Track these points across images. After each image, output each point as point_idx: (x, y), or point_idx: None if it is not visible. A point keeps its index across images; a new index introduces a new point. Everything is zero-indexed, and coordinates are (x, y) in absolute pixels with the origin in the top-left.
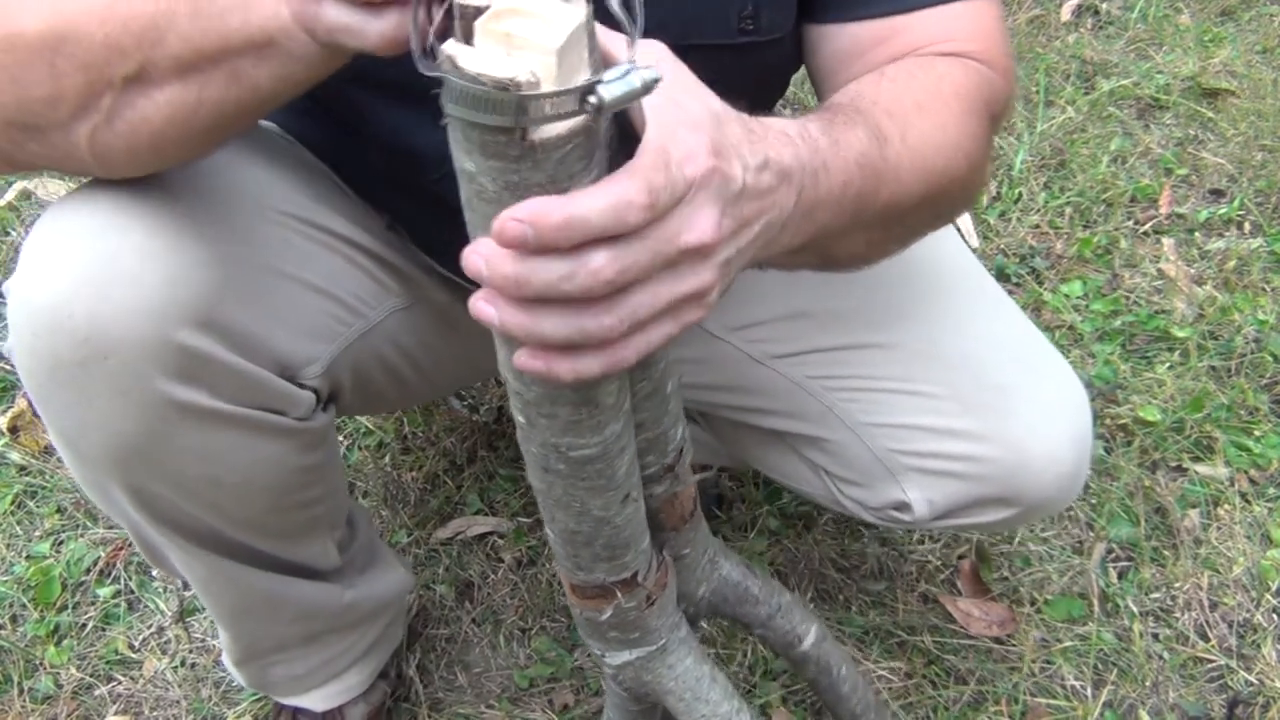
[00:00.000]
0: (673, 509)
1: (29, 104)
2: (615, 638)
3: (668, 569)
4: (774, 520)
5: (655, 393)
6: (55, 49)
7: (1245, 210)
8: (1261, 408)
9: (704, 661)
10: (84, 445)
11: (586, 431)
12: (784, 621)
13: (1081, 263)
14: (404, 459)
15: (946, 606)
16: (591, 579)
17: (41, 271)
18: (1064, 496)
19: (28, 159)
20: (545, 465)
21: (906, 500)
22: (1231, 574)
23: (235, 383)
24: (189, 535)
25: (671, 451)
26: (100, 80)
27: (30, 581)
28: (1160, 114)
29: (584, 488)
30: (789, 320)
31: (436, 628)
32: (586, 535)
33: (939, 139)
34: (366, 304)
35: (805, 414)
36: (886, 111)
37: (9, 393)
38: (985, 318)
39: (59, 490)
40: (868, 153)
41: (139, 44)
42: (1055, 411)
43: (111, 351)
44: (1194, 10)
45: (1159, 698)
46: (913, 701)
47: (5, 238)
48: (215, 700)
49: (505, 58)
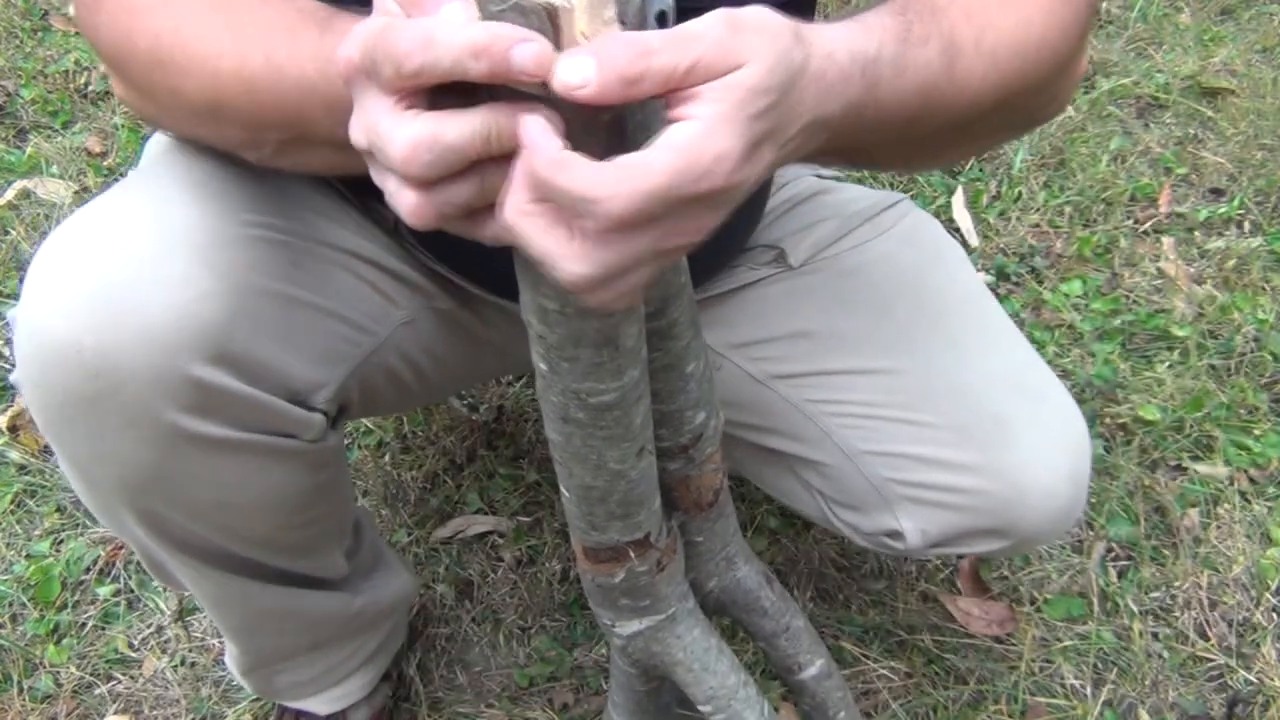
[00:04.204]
0: (686, 491)
1: (210, 142)
2: (626, 605)
3: (677, 538)
4: (774, 520)
5: (672, 368)
6: (214, 114)
7: (1245, 209)
8: (1261, 406)
9: (711, 634)
10: (96, 475)
11: (607, 376)
12: (788, 645)
13: (1081, 262)
14: (404, 458)
15: (946, 606)
16: (605, 539)
17: (50, 301)
18: (1058, 530)
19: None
20: (565, 415)
21: (899, 529)
22: (1231, 573)
23: (247, 411)
24: (199, 555)
25: (687, 433)
26: (258, 139)
27: (30, 580)
28: (1160, 113)
29: (601, 437)
30: (791, 340)
31: (436, 627)
32: (602, 490)
33: (1021, 38)
34: (375, 320)
35: (803, 436)
36: (965, 9)
37: (9, 392)
38: (989, 347)
39: (59, 489)
40: (934, 79)
41: (281, 126)
42: (1054, 446)
43: (123, 385)
44: (1194, 9)
45: (1159, 697)
46: (912, 701)
47: (5, 237)
48: (215, 699)
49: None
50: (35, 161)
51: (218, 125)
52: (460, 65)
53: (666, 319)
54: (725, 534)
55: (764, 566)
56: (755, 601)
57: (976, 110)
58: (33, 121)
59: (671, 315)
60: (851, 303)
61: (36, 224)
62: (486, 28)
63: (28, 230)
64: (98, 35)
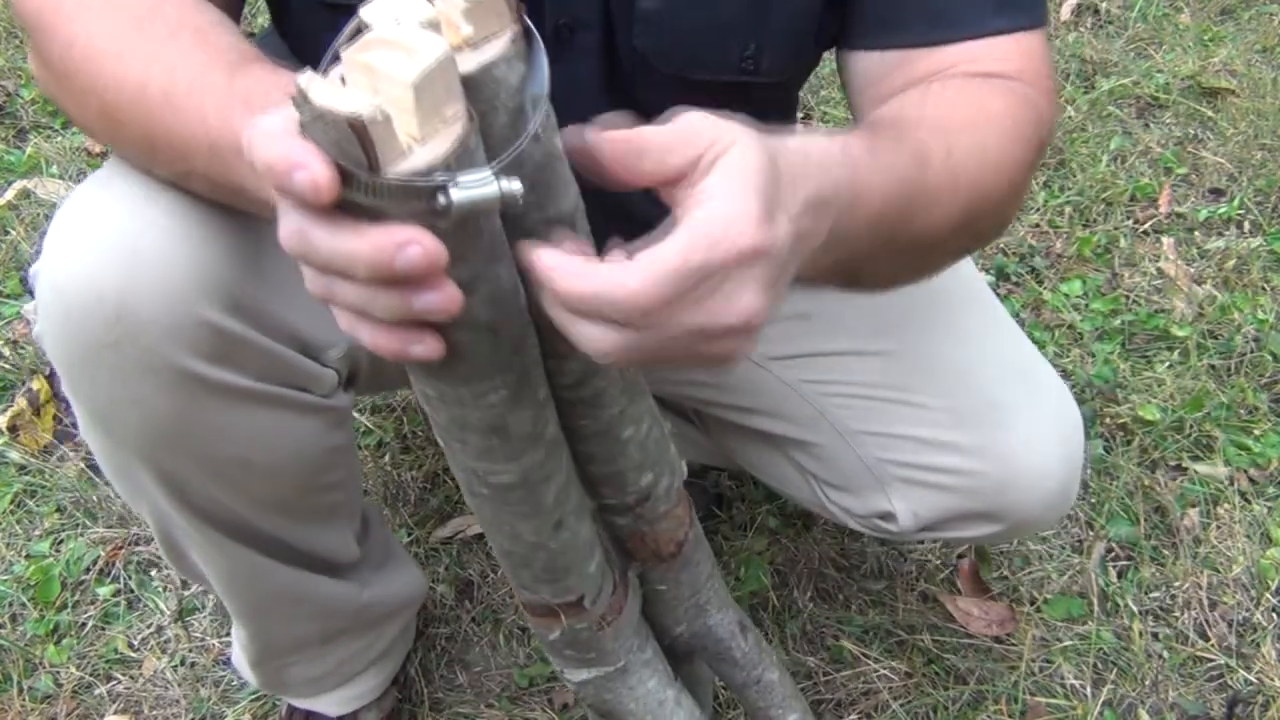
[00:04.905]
0: (642, 544)
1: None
2: (571, 656)
3: (627, 592)
4: (774, 519)
5: (605, 434)
6: (110, 130)
7: (1245, 209)
8: (1261, 406)
9: (669, 685)
10: (117, 426)
11: (500, 459)
12: (758, 697)
13: (1081, 262)
14: (404, 458)
15: (946, 606)
16: (536, 598)
17: (71, 252)
18: (1051, 515)
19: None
20: (470, 489)
21: (892, 510)
22: (1231, 573)
23: (263, 361)
24: (215, 523)
25: (632, 493)
26: (149, 165)
27: (30, 580)
28: (1160, 113)
29: (510, 513)
30: (788, 321)
31: (436, 626)
32: (522, 557)
33: (981, 159)
34: None
35: (796, 417)
36: (931, 128)
37: (8, 392)
38: (984, 332)
39: (59, 489)
40: (909, 177)
41: (169, 159)
42: (1048, 429)
43: (143, 331)
44: (1194, 9)
45: (1159, 697)
46: (912, 701)
47: (5, 237)
48: (215, 699)
49: (368, 93)
50: (35, 161)
51: (114, 142)
52: (264, 177)
53: (590, 389)
54: (694, 582)
55: (741, 615)
56: (726, 651)
57: (947, 222)
58: (33, 121)
59: (596, 385)
60: None
61: (36, 224)
62: (277, 147)
63: (28, 230)
64: (18, 6)
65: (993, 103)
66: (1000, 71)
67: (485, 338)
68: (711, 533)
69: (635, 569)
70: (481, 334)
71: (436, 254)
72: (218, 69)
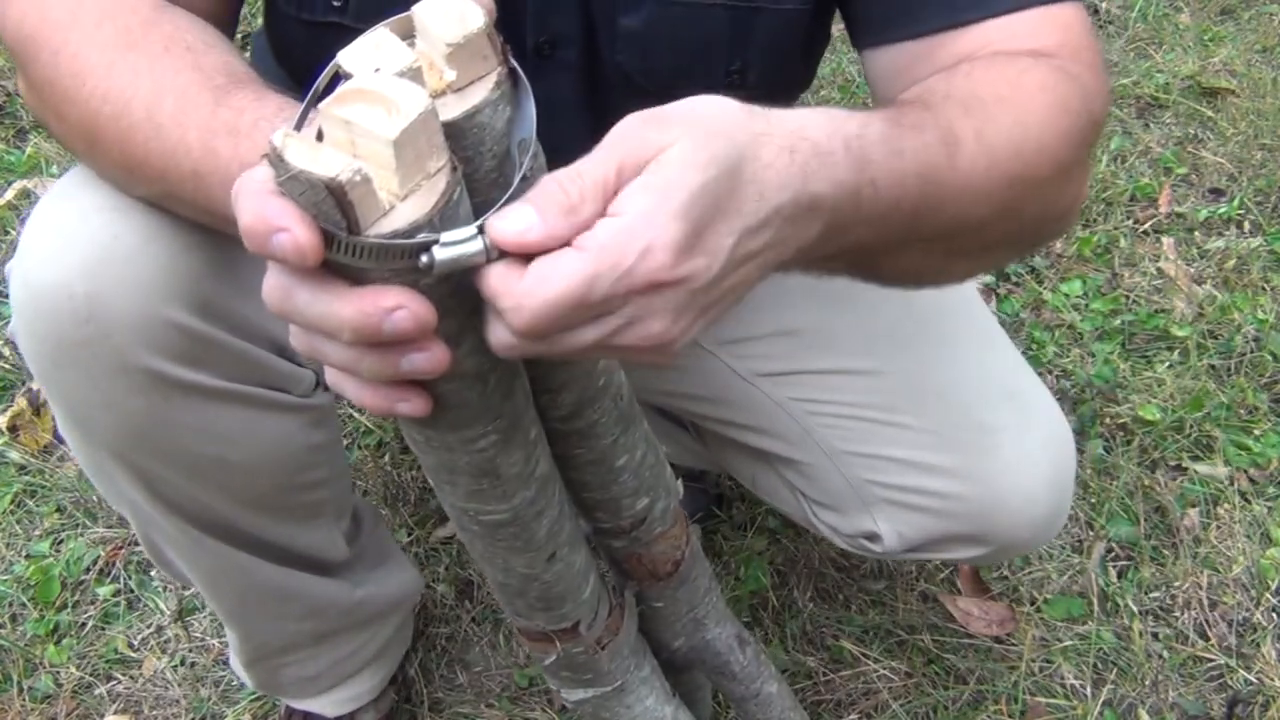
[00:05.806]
0: (639, 565)
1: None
2: (568, 677)
3: (624, 613)
4: (774, 519)
5: (599, 463)
6: (90, 148)
7: (1245, 209)
8: (1261, 406)
9: (666, 703)
10: (91, 426)
11: (491, 499)
12: (758, 710)
13: (1081, 262)
14: (404, 458)
15: (946, 606)
16: (532, 625)
17: (42, 252)
18: (1040, 538)
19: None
20: (461, 525)
21: (877, 531)
22: (1231, 573)
23: (235, 362)
24: (195, 521)
25: (627, 517)
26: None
27: (30, 580)
28: (1160, 113)
29: (503, 548)
30: (777, 338)
31: (436, 626)
32: (516, 588)
33: (1019, 138)
34: None
35: (784, 435)
36: (961, 106)
37: (8, 392)
38: (974, 350)
39: (59, 489)
40: (933, 162)
41: (149, 180)
42: (1037, 453)
43: (112, 330)
44: (1194, 9)
45: (1158, 697)
46: (912, 701)
47: (5, 236)
48: (215, 699)
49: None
50: (35, 161)
51: (94, 159)
52: (244, 239)
53: (584, 420)
54: (691, 598)
55: (739, 629)
56: (725, 665)
57: (982, 210)
58: (33, 121)
59: (590, 417)
60: (839, 302)
61: None
62: (256, 206)
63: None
64: (4, 25)
65: (1029, 77)
66: (1035, 48)
67: (473, 386)
68: (711, 533)
69: (632, 588)
70: (469, 383)
71: (425, 318)
72: (205, 91)
